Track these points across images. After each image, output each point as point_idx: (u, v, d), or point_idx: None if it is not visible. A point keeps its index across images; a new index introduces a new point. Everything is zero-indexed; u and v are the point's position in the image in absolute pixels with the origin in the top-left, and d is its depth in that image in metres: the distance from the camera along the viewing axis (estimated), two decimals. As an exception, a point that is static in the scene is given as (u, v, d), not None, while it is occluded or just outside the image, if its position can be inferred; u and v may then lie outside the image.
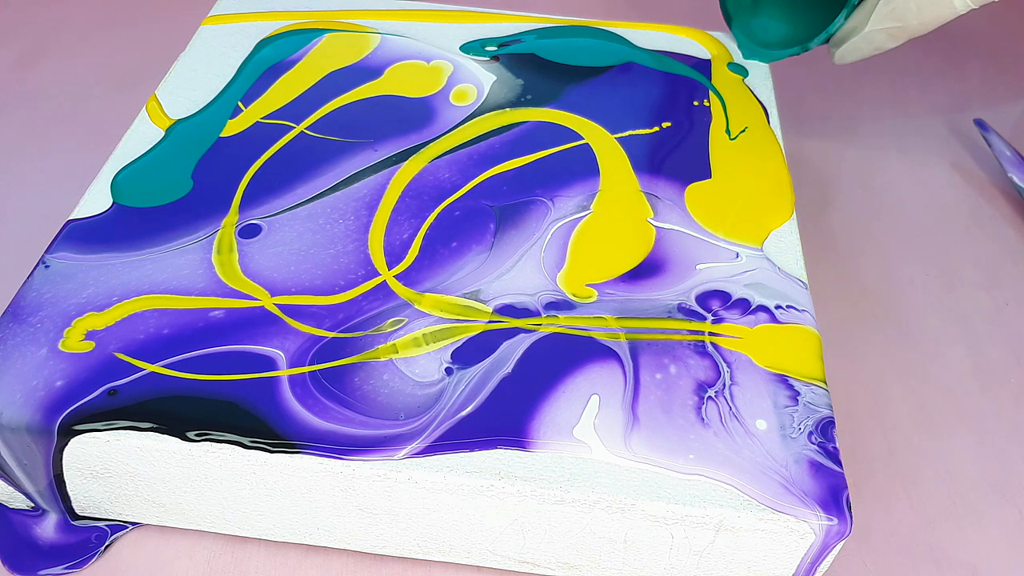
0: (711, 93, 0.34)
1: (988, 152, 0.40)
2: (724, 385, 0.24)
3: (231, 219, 0.28)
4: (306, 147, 0.30)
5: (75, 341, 0.24)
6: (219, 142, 0.30)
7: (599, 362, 0.24)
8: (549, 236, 0.28)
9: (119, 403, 0.23)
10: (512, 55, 0.35)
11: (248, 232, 0.27)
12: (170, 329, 0.24)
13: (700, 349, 0.25)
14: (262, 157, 0.30)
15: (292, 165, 0.30)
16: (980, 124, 0.39)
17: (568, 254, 0.27)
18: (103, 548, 0.25)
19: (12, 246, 0.33)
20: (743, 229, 0.29)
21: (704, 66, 0.35)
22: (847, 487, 0.22)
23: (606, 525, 0.23)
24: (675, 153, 0.31)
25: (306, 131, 0.31)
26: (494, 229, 0.28)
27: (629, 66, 0.35)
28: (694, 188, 0.30)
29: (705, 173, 0.31)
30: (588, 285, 0.26)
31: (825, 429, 0.23)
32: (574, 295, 0.26)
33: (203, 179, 0.29)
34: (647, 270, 0.27)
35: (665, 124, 0.32)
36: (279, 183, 0.29)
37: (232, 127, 0.31)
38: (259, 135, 0.31)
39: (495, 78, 0.34)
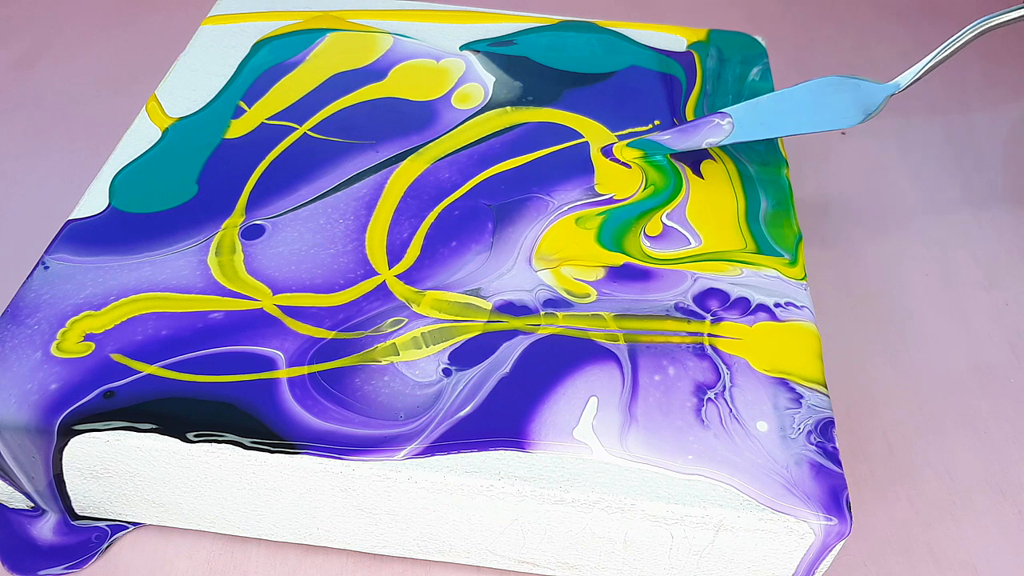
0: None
1: (988, 152, 0.40)
2: (724, 387, 0.24)
3: (233, 221, 0.28)
4: (309, 148, 0.30)
5: (73, 343, 0.24)
6: (223, 144, 0.30)
7: (597, 364, 0.24)
8: (544, 234, 0.28)
9: (118, 404, 0.23)
10: (512, 56, 0.35)
11: (252, 233, 0.27)
12: (169, 330, 0.24)
13: (699, 351, 0.25)
14: (266, 159, 0.30)
15: (295, 166, 0.30)
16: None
17: (542, 238, 0.28)
18: (103, 548, 0.25)
19: (12, 246, 0.33)
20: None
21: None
22: (847, 487, 0.22)
23: (606, 525, 0.23)
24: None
25: (309, 133, 0.31)
26: (492, 228, 0.28)
27: (631, 66, 0.35)
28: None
29: (697, 173, 0.31)
30: (585, 282, 0.26)
31: (825, 429, 0.23)
32: (568, 291, 0.26)
33: (208, 183, 0.29)
34: (646, 270, 0.27)
35: (656, 122, 0.32)
36: (282, 184, 0.29)
37: (236, 128, 0.31)
38: (262, 137, 0.31)
39: (495, 79, 0.34)
